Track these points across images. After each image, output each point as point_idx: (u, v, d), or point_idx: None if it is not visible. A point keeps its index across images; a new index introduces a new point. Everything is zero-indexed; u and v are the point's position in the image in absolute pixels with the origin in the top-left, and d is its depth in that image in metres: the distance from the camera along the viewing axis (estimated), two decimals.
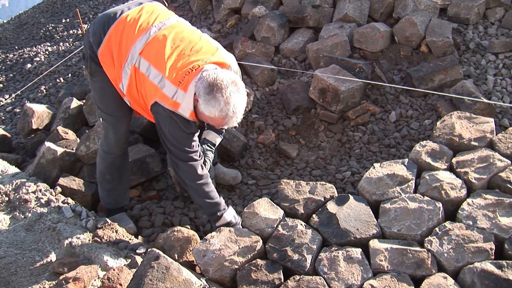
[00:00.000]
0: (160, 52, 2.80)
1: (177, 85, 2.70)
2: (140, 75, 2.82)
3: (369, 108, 4.27)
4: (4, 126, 5.46)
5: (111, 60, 2.93)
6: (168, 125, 2.83)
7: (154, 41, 2.85)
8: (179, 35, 2.90)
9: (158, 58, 2.78)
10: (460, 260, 2.52)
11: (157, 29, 2.89)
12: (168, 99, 2.72)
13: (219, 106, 2.63)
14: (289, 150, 4.11)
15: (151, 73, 2.77)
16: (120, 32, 2.91)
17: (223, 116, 2.69)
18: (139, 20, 2.93)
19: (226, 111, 2.65)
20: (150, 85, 2.78)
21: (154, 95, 2.77)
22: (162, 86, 2.73)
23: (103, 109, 3.21)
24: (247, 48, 5.17)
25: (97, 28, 2.99)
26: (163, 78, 2.73)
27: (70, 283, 2.48)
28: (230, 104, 2.64)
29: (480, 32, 4.86)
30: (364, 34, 4.80)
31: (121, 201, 3.53)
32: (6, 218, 3.26)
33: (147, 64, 2.79)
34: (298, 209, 3.05)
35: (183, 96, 2.70)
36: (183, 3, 7.00)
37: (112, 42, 2.92)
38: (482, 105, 3.86)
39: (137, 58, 2.82)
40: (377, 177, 3.14)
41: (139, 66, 2.81)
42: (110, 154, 3.34)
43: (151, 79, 2.77)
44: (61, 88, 5.95)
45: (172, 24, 2.97)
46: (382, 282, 2.46)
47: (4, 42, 8.34)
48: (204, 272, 2.73)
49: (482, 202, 2.81)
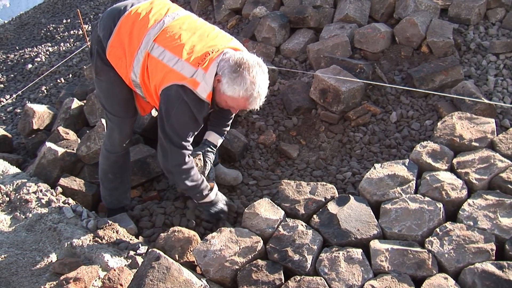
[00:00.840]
0: (176, 38, 2.80)
1: (197, 66, 2.70)
2: (153, 60, 2.80)
3: (370, 108, 4.27)
4: (5, 127, 5.47)
5: (122, 51, 2.91)
6: (176, 108, 2.79)
7: (169, 29, 2.85)
8: (193, 24, 2.92)
9: (173, 43, 2.78)
10: (461, 260, 2.52)
11: (171, 18, 2.90)
12: (185, 78, 2.70)
13: (245, 85, 2.65)
14: (290, 151, 4.11)
15: (166, 57, 2.76)
16: (131, 22, 2.91)
17: (247, 96, 2.70)
18: (151, 11, 2.94)
19: (251, 90, 2.67)
20: (164, 68, 2.76)
21: (169, 78, 2.75)
22: (178, 68, 2.72)
23: (108, 109, 3.21)
24: (248, 49, 5.15)
25: (107, 21, 2.99)
26: (180, 60, 2.72)
27: (71, 284, 2.48)
28: (256, 84, 2.66)
29: (481, 33, 4.86)
30: (365, 34, 4.80)
31: (123, 201, 3.53)
32: (7, 218, 3.26)
33: (162, 49, 2.78)
34: (298, 209, 3.05)
35: (203, 76, 2.70)
36: (184, 3, 7.01)
37: (123, 32, 2.91)
38: (483, 105, 3.86)
39: (151, 45, 2.81)
40: (377, 178, 3.14)
41: (152, 51, 2.80)
42: (113, 153, 3.34)
43: (166, 62, 2.75)
44: (62, 88, 5.96)
45: (185, 15, 2.99)
46: (382, 283, 2.46)
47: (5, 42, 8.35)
48: (204, 272, 2.73)
49: (483, 202, 2.80)
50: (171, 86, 2.75)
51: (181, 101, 2.75)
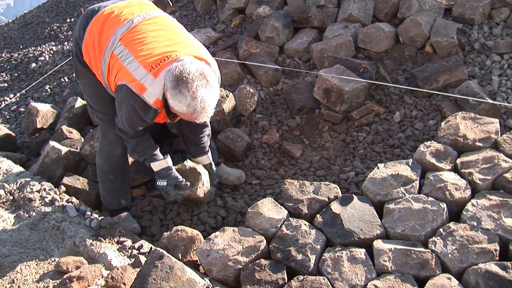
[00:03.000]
0: (139, 37, 2.76)
1: (149, 70, 2.63)
2: (114, 59, 2.77)
3: (374, 108, 4.26)
4: (9, 125, 5.48)
5: (93, 51, 2.91)
6: (124, 107, 2.80)
7: (135, 29, 2.81)
8: (162, 26, 2.87)
9: (135, 43, 2.74)
10: (464, 261, 2.52)
11: (141, 18, 2.86)
12: (134, 80, 2.65)
13: (185, 101, 2.56)
14: (293, 150, 4.11)
15: (123, 55, 2.72)
16: (101, 22, 2.90)
17: (191, 112, 2.62)
18: (123, 10, 2.91)
19: (194, 106, 2.57)
20: (119, 65, 2.73)
21: (121, 76, 2.72)
22: (131, 68, 2.67)
23: (97, 110, 3.23)
24: (252, 48, 5.17)
25: (81, 22, 3.01)
26: (134, 61, 2.67)
27: (74, 282, 2.49)
28: (197, 99, 2.55)
29: (485, 33, 4.85)
30: (368, 34, 4.80)
31: (124, 201, 3.53)
32: (10, 217, 3.27)
33: (123, 48, 2.75)
34: (302, 209, 3.05)
35: (151, 82, 2.63)
36: (187, 3, 7.00)
37: (94, 32, 2.90)
38: (487, 105, 3.85)
39: (116, 44, 2.78)
40: (381, 178, 3.14)
41: (115, 50, 2.77)
42: (113, 154, 3.33)
43: (122, 60, 2.72)
44: (66, 87, 5.96)
45: (157, 16, 2.94)
46: (385, 283, 2.46)
47: (9, 41, 8.37)
48: (207, 271, 2.74)
49: (486, 203, 2.80)
50: (122, 85, 2.73)
51: (127, 103, 2.74)
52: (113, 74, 2.81)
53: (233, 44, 5.41)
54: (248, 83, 4.86)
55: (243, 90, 4.47)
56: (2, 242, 3.00)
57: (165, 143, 4.32)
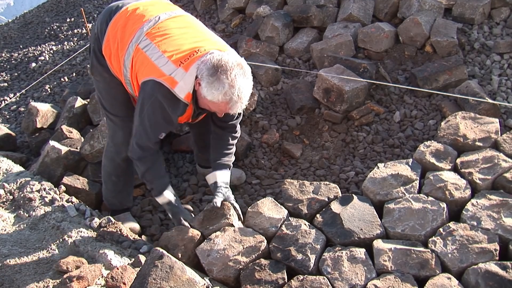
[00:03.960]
0: (167, 33, 2.74)
1: (178, 65, 2.61)
2: (139, 53, 2.74)
3: (373, 108, 4.26)
4: (9, 125, 5.48)
5: (115, 45, 2.88)
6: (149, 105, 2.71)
7: (161, 24, 2.79)
8: (188, 24, 2.87)
9: (162, 38, 2.72)
10: (464, 260, 2.52)
11: (167, 16, 2.85)
12: (163, 75, 2.62)
13: (223, 89, 2.51)
14: (293, 150, 4.11)
15: (150, 49, 2.70)
16: (125, 16, 2.88)
17: (227, 101, 2.56)
18: (149, 8, 2.90)
19: (230, 94, 2.53)
20: (145, 60, 2.70)
21: (148, 71, 2.69)
22: (160, 63, 2.65)
23: (108, 110, 3.19)
24: (252, 48, 5.17)
25: (103, 17, 2.99)
26: (163, 56, 2.65)
27: (74, 282, 2.48)
28: (235, 88, 2.52)
29: (485, 32, 4.85)
30: (368, 34, 4.80)
31: (125, 203, 3.53)
32: (10, 216, 3.27)
33: (149, 42, 2.72)
34: (302, 209, 3.05)
35: (182, 75, 2.61)
36: (187, 3, 7.00)
37: (118, 26, 2.88)
38: (487, 105, 3.85)
39: (142, 38, 2.75)
40: (381, 177, 3.14)
41: (140, 44, 2.74)
42: (117, 157, 3.31)
43: (149, 54, 2.69)
44: (66, 87, 5.96)
45: (183, 15, 2.95)
46: (385, 283, 2.46)
47: (9, 41, 8.37)
48: (208, 271, 2.74)
49: (486, 202, 2.80)
50: (149, 80, 2.68)
51: (154, 98, 2.67)
52: (137, 69, 2.77)
53: (233, 44, 5.40)
54: None
55: None
56: (2, 241, 3.00)
57: (165, 143, 4.32)
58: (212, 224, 3.00)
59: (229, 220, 3.00)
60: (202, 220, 3.07)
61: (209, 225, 3.00)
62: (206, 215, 3.09)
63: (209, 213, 3.09)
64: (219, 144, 3.24)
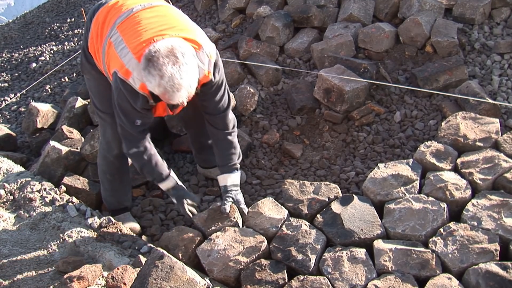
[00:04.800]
0: (135, 25, 2.69)
1: (135, 54, 2.55)
2: (110, 47, 2.71)
3: (374, 108, 4.26)
4: (9, 125, 5.48)
5: (97, 41, 2.88)
6: (117, 96, 2.71)
7: (133, 16, 2.75)
8: (161, 13, 2.79)
9: (129, 29, 2.68)
10: (465, 261, 2.52)
11: (141, 7, 2.80)
12: (123, 66, 2.58)
13: (155, 81, 2.39)
14: (294, 150, 4.11)
15: (117, 41, 2.67)
16: (105, 12, 2.88)
17: (163, 92, 2.44)
18: (127, 1, 2.87)
19: (163, 85, 2.39)
20: (113, 53, 2.67)
21: (113, 63, 2.66)
22: (122, 54, 2.61)
23: (98, 107, 3.21)
24: (252, 48, 5.17)
25: (89, 15, 3.01)
26: (125, 47, 2.61)
27: (75, 282, 2.49)
28: (164, 77, 2.37)
29: (486, 32, 4.84)
30: (369, 34, 4.79)
31: (123, 202, 3.53)
32: (11, 216, 3.27)
33: (118, 35, 2.69)
34: (302, 209, 3.05)
35: (135, 66, 2.54)
36: (188, 3, 7.00)
37: (99, 23, 2.88)
38: (487, 105, 3.84)
39: (113, 32, 2.73)
40: (381, 178, 3.14)
41: (112, 37, 2.72)
42: (109, 154, 3.33)
43: (115, 46, 2.66)
44: (66, 87, 5.96)
45: (159, 5, 2.87)
46: (386, 283, 2.46)
47: (10, 41, 8.37)
48: (208, 271, 2.74)
49: (487, 203, 2.80)
50: (114, 72, 2.66)
51: (119, 90, 2.66)
52: (109, 62, 2.75)
53: (233, 44, 5.41)
54: (249, 83, 4.86)
55: (243, 90, 4.47)
56: (3, 242, 3.00)
57: (166, 143, 4.33)
58: (216, 225, 3.00)
59: (232, 223, 3.01)
60: (206, 219, 3.07)
61: (212, 225, 3.00)
62: (211, 214, 3.09)
63: (213, 213, 3.09)
64: (219, 145, 3.21)
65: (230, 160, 3.19)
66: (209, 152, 3.57)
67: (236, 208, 3.10)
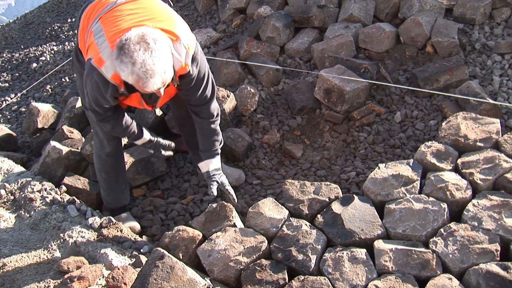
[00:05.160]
0: (116, 16, 2.67)
1: (110, 43, 2.52)
2: (90, 36, 2.69)
3: (374, 108, 4.26)
4: (10, 125, 5.48)
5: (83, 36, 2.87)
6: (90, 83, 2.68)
7: (116, 9, 2.73)
8: (144, 4, 2.76)
9: (109, 20, 2.66)
10: (465, 261, 2.52)
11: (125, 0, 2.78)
12: (97, 54, 2.55)
13: (127, 69, 2.35)
14: (294, 150, 4.11)
15: (97, 31, 2.64)
16: (92, 8, 2.87)
17: (136, 80, 2.39)
18: None
19: (136, 72, 2.35)
20: (91, 41, 2.65)
21: (90, 50, 2.64)
22: (99, 42, 2.58)
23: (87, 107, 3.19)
24: (252, 48, 5.17)
25: (79, 14, 3.00)
26: (103, 35, 2.58)
27: (75, 282, 2.49)
28: (136, 64, 2.33)
29: (486, 33, 4.84)
30: (369, 34, 4.80)
31: (121, 201, 3.53)
32: (11, 216, 3.27)
33: (99, 25, 2.67)
34: (302, 209, 3.05)
35: (109, 55, 2.49)
36: (188, 3, 7.00)
37: (85, 18, 2.88)
38: (488, 105, 3.84)
39: (96, 22, 2.71)
40: (382, 178, 3.13)
41: (92, 27, 2.71)
42: (103, 151, 3.33)
43: (94, 34, 2.64)
44: (67, 87, 5.96)
45: None
46: (386, 283, 2.46)
47: (10, 41, 8.37)
48: (209, 272, 2.74)
49: (487, 203, 2.80)
50: (88, 59, 2.64)
51: (91, 77, 2.63)
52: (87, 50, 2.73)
53: (234, 44, 5.41)
54: (249, 83, 4.86)
55: (244, 90, 4.47)
56: (3, 242, 3.00)
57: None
58: (215, 227, 3.00)
59: (232, 223, 3.01)
60: (204, 222, 3.07)
61: (212, 228, 3.01)
62: (208, 217, 3.09)
63: (210, 215, 3.09)
64: (202, 132, 3.27)
65: (212, 146, 3.28)
66: None
67: (233, 207, 3.10)
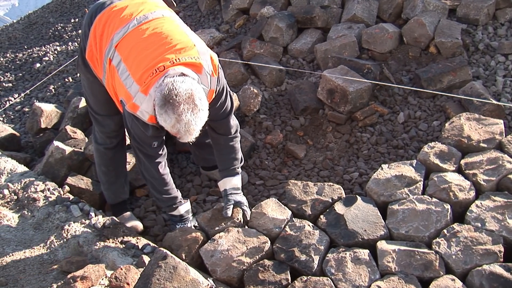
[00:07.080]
0: (133, 47, 2.69)
1: (141, 86, 2.59)
2: (112, 69, 2.73)
3: (377, 109, 4.26)
4: (13, 125, 5.49)
5: (96, 53, 2.89)
6: (130, 123, 2.77)
7: (130, 35, 2.74)
8: (157, 30, 2.75)
9: (129, 54, 2.68)
10: (469, 262, 2.51)
11: (137, 22, 2.77)
12: (130, 98, 2.63)
13: (170, 122, 2.48)
14: (297, 151, 4.11)
15: (121, 68, 2.68)
16: (103, 23, 2.85)
17: (175, 132, 2.55)
18: (124, 11, 2.83)
19: (178, 128, 2.50)
20: (118, 80, 2.70)
21: (121, 92, 2.71)
22: (127, 84, 2.64)
23: (93, 108, 3.25)
24: (256, 49, 5.17)
25: (87, 18, 2.98)
26: (129, 76, 2.63)
27: (78, 282, 2.49)
28: (181, 123, 2.47)
29: (490, 33, 4.83)
30: (372, 34, 4.79)
31: (120, 195, 3.54)
32: (14, 216, 3.28)
33: (119, 58, 2.70)
34: (305, 210, 3.05)
35: (142, 99, 2.59)
36: (191, 3, 7.00)
37: (97, 33, 2.87)
38: (491, 106, 3.84)
39: (113, 51, 2.73)
40: (385, 178, 3.13)
41: (113, 59, 2.73)
42: (101, 145, 3.36)
43: (120, 74, 2.68)
44: (70, 87, 5.97)
45: (155, 18, 2.82)
46: (389, 284, 2.45)
47: (14, 41, 8.39)
48: (211, 272, 2.74)
49: (490, 204, 2.79)
50: (121, 101, 2.73)
51: (132, 118, 2.73)
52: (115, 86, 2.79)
53: (237, 45, 5.41)
54: (252, 84, 4.86)
55: (247, 90, 4.47)
56: (7, 241, 3.01)
57: (169, 143, 4.32)
58: (219, 225, 3.00)
59: (236, 223, 3.01)
60: (210, 218, 3.07)
61: (216, 225, 3.01)
62: (214, 214, 3.09)
63: (217, 213, 3.10)
64: (219, 149, 3.23)
65: (231, 164, 3.23)
66: (208, 152, 3.58)
67: (240, 209, 3.10)
